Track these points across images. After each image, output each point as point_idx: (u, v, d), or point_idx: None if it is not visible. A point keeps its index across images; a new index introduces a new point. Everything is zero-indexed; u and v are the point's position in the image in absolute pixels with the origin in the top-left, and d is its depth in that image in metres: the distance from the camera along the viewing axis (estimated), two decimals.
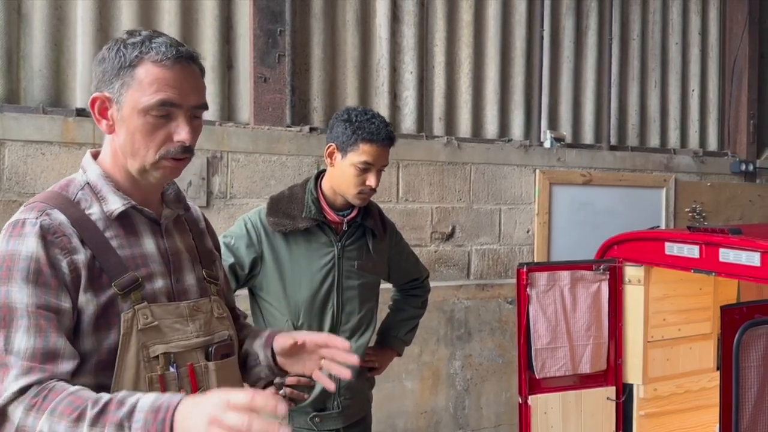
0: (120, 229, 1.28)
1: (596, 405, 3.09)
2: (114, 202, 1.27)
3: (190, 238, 1.44)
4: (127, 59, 1.24)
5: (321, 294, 2.08)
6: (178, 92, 1.25)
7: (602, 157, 4.35)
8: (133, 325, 1.22)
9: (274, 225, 2.06)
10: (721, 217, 4.71)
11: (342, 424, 2.16)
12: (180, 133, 1.26)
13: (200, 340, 1.31)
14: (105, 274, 1.22)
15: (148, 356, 1.23)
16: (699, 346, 3.25)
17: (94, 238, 1.24)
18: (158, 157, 1.26)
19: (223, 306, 1.43)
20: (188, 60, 1.28)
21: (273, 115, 3.43)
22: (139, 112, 1.24)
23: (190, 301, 1.34)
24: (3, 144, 2.90)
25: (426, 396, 3.77)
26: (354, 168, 2.03)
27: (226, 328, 1.40)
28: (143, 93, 1.23)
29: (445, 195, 3.86)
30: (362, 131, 2.02)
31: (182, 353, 1.27)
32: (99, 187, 1.29)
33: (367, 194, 2.09)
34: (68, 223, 1.22)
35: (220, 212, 3.28)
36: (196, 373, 1.29)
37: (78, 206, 1.26)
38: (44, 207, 1.23)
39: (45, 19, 3.08)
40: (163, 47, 1.25)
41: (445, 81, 4.04)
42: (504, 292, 3.97)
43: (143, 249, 1.30)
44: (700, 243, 2.60)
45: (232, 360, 1.40)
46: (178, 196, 1.45)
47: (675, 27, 4.85)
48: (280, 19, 3.45)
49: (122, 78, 1.24)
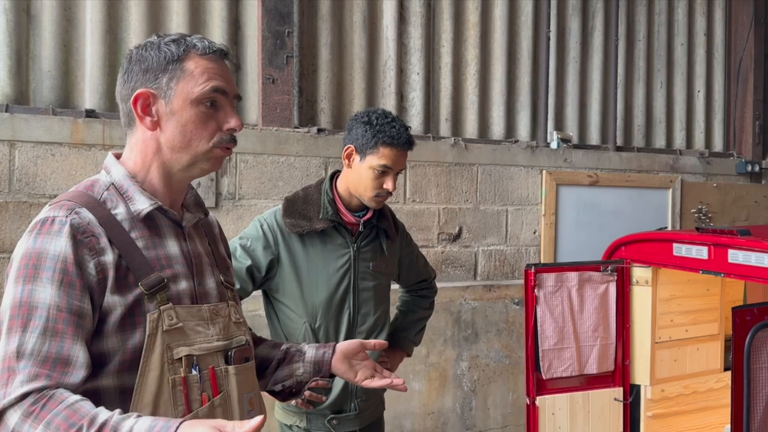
0: (145, 230, 1.28)
1: (604, 406, 3.10)
2: (141, 202, 1.27)
3: (206, 243, 1.45)
4: (174, 54, 1.27)
5: (338, 295, 2.08)
6: (225, 81, 1.30)
7: (608, 158, 4.35)
8: (158, 325, 1.22)
9: (290, 226, 2.05)
10: (727, 218, 4.70)
11: (359, 425, 2.16)
12: (230, 121, 1.30)
13: (221, 343, 1.32)
14: (131, 274, 1.22)
15: (171, 358, 1.22)
16: (706, 347, 3.25)
17: (121, 237, 1.23)
18: (211, 145, 1.29)
19: (239, 311, 1.43)
20: (226, 55, 1.34)
21: (281, 116, 3.44)
22: (192, 102, 1.26)
23: (211, 304, 1.34)
24: (13, 145, 2.91)
25: (433, 397, 3.77)
26: (372, 171, 2.03)
27: (243, 333, 1.40)
28: (196, 83, 1.26)
29: (452, 196, 3.86)
30: (383, 135, 2.01)
31: (204, 356, 1.27)
32: (125, 187, 1.29)
33: (384, 197, 2.08)
34: (96, 223, 1.21)
35: (228, 213, 3.29)
36: (217, 377, 1.29)
37: (104, 206, 1.25)
38: (73, 205, 1.22)
39: (54, 20, 3.09)
40: (206, 42, 1.30)
41: (451, 82, 4.04)
42: (511, 293, 3.98)
43: (167, 250, 1.30)
44: (709, 244, 2.60)
45: (250, 364, 1.40)
46: (197, 200, 1.46)
47: (680, 28, 4.85)
48: (288, 21, 3.46)
49: (170, 72, 1.26)
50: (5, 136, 2.88)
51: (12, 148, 2.91)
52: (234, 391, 1.31)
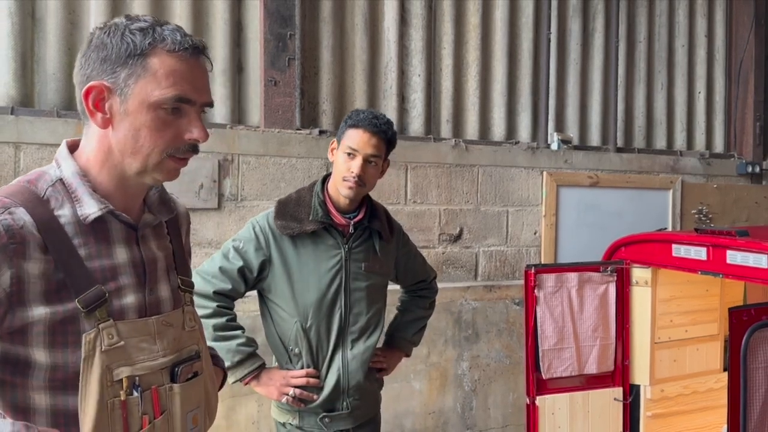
0: (91, 236, 1.15)
1: (603, 406, 3.12)
2: (90, 206, 1.14)
3: (167, 242, 1.33)
4: (137, 47, 1.11)
5: (329, 296, 2.10)
6: (192, 87, 1.15)
7: (609, 159, 4.37)
8: (96, 346, 1.11)
9: (281, 228, 2.08)
10: (728, 218, 4.72)
11: (351, 424, 2.18)
12: (193, 131, 1.17)
13: (166, 359, 1.22)
14: (67, 287, 1.10)
15: (111, 380, 1.12)
16: (706, 347, 3.27)
17: (61, 245, 1.10)
18: (164, 156, 1.16)
19: (195, 317, 1.34)
20: (201, 52, 1.18)
21: (283, 118, 3.46)
22: (149, 106, 1.12)
23: (161, 315, 1.24)
24: (18, 147, 2.94)
25: (434, 396, 3.80)
26: (343, 155, 2.08)
27: (196, 342, 1.31)
28: (157, 85, 1.12)
29: (452, 197, 3.88)
30: (350, 119, 2.10)
31: (147, 375, 1.17)
32: (74, 186, 1.15)
33: (352, 182, 2.06)
34: (32, 227, 1.08)
35: (231, 214, 3.31)
36: (160, 397, 1.20)
37: (47, 205, 1.12)
38: (8, 203, 1.09)
39: (58, 23, 3.12)
40: (177, 35, 1.14)
41: (452, 84, 4.06)
42: (511, 294, 3.99)
43: (114, 260, 1.18)
44: (708, 245, 2.62)
45: (198, 379, 1.29)
46: (162, 198, 1.33)
47: (681, 29, 4.86)
48: (290, 23, 3.48)
49: (130, 67, 1.11)
50: (10, 138, 2.91)
51: (17, 150, 2.94)
52: (177, 409, 1.22)
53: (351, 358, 2.13)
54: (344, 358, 2.13)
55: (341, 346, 2.13)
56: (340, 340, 2.13)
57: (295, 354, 2.12)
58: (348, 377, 2.13)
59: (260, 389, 2.13)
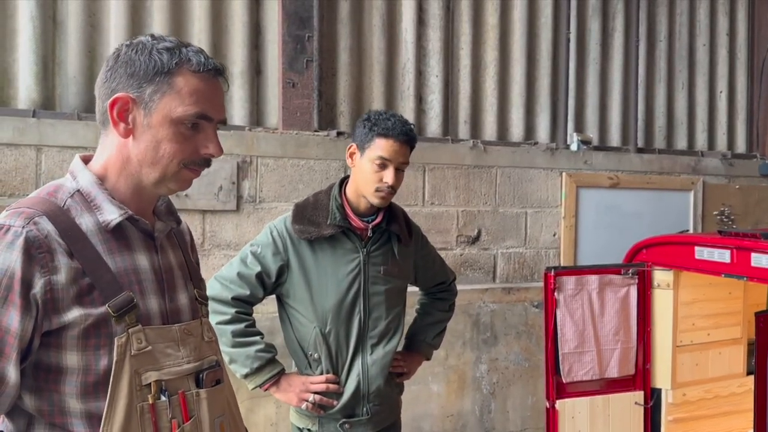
0: (113, 242, 1.19)
1: (624, 410, 3.08)
2: (110, 212, 1.19)
3: (180, 254, 1.37)
4: (165, 65, 1.18)
5: (348, 300, 2.09)
6: (212, 106, 1.23)
7: (629, 160, 4.32)
8: (126, 350, 1.15)
9: (299, 232, 2.07)
10: (750, 219, 4.64)
11: (372, 430, 2.16)
12: (209, 146, 1.23)
13: (191, 366, 1.25)
14: (96, 291, 1.14)
15: (140, 384, 1.16)
16: (729, 351, 3.22)
17: (85, 251, 1.14)
18: (182, 166, 1.22)
19: (212, 329, 1.38)
20: (221, 74, 1.26)
21: (301, 119, 3.47)
22: (172, 121, 1.19)
23: (182, 324, 1.27)
24: (40, 149, 2.96)
25: (452, 399, 3.78)
26: (371, 164, 2.03)
27: (214, 353, 1.34)
28: (181, 102, 1.19)
29: (470, 198, 3.86)
30: (378, 127, 2.04)
31: (173, 380, 1.21)
32: (93, 195, 1.20)
33: (386, 192, 2.05)
34: (56, 234, 1.12)
35: (249, 216, 3.32)
36: (188, 401, 1.23)
37: (68, 214, 1.16)
38: (32, 214, 1.12)
39: (79, 26, 3.15)
40: (201, 57, 1.22)
41: (470, 84, 4.04)
42: (530, 296, 3.96)
43: (137, 264, 1.22)
44: (731, 247, 2.58)
45: (221, 387, 1.33)
46: (169, 208, 1.38)
47: (702, 28, 4.80)
48: (308, 25, 3.49)
49: (157, 84, 1.18)
50: (32, 140, 2.94)
51: (39, 153, 2.97)
52: (205, 415, 1.25)
53: (371, 363, 2.12)
54: (364, 364, 2.11)
55: (361, 351, 2.11)
56: (359, 345, 2.11)
57: (314, 359, 2.10)
58: (368, 382, 2.11)
59: (279, 395, 2.12)
